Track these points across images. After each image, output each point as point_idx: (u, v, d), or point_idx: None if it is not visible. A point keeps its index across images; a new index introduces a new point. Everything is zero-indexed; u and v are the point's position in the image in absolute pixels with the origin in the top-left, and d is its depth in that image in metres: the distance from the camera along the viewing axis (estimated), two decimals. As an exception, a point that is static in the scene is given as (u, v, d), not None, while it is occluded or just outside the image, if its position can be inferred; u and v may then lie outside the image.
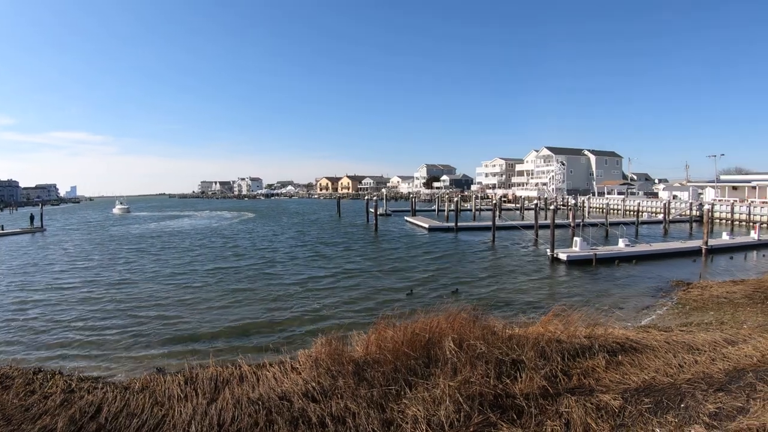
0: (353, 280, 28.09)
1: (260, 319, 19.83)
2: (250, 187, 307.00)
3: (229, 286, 26.52)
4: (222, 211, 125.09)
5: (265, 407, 9.14)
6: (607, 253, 34.21)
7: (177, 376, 11.49)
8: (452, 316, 12.44)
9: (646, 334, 13.63)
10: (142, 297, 23.96)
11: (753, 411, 7.81)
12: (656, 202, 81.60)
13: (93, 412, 9.51)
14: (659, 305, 21.23)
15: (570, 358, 11.07)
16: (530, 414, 8.39)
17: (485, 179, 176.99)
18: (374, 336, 11.86)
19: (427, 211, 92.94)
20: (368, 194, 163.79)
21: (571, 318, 13.68)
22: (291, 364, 11.80)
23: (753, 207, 62.46)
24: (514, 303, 22.33)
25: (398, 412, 8.68)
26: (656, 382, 9.72)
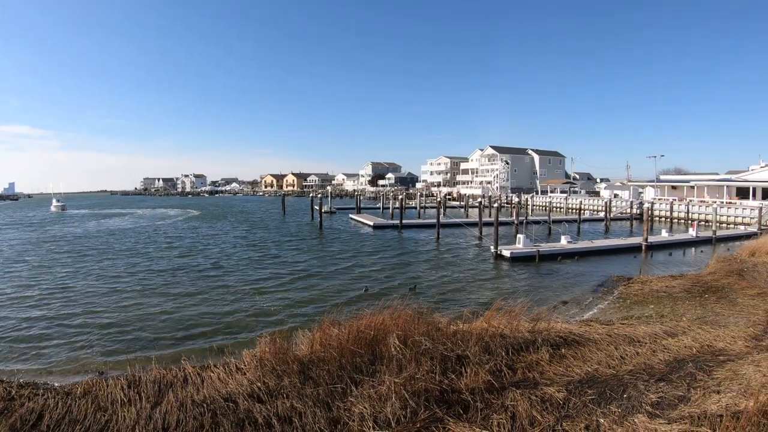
0: (298, 278, 27.75)
1: (204, 320, 19.40)
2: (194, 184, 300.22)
3: (172, 287, 25.79)
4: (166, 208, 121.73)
5: (210, 409, 8.94)
6: (549, 249, 34.89)
7: (119, 380, 11.08)
8: (397, 314, 12.41)
9: (589, 328, 13.89)
10: (81, 300, 23.00)
11: (694, 399, 7.99)
12: (598, 201, 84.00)
13: (34, 420, 9.12)
14: (601, 300, 21.79)
15: (514, 353, 11.17)
16: (476, 408, 8.37)
17: (430, 177, 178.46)
18: (319, 334, 11.74)
19: (372, 208, 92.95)
20: (313, 192, 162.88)
21: (514, 313, 13.83)
22: (236, 364, 11.55)
23: (691, 206, 65.40)
24: (459, 299, 22.51)
25: (345, 410, 8.58)
26: (599, 374, 9.88)
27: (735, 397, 7.76)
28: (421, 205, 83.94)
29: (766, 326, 14.64)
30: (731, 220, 59.24)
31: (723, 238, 45.53)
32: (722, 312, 17.42)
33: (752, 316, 16.45)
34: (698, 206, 64.78)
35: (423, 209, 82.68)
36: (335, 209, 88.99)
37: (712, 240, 43.49)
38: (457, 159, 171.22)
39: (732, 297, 19.68)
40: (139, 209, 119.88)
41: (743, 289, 20.76)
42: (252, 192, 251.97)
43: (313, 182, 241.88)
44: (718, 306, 18.41)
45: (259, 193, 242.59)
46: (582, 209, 66.64)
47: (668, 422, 7.00)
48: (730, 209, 61.11)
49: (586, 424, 7.41)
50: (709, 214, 58.05)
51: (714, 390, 8.42)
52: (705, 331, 13.52)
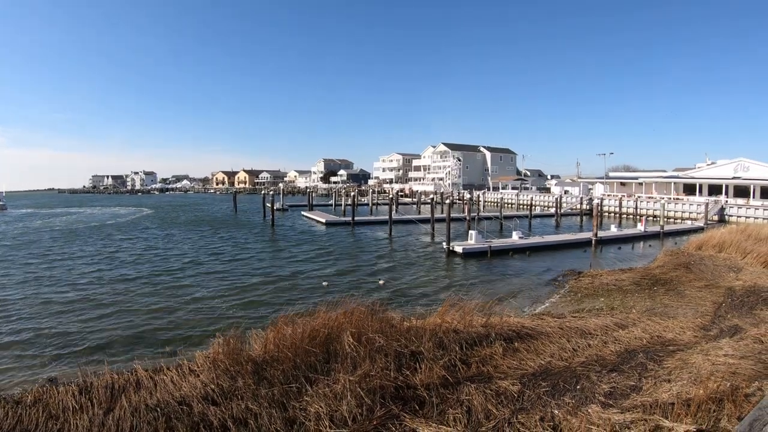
0: (251, 278, 27.31)
1: (156, 323, 18.88)
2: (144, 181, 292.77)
3: (123, 290, 24.87)
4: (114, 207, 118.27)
5: (164, 413, 8.76)
6: (501, 245, 35.34)
7: (71, 387, 10.73)
8: (351, 311, 12.41)
9: (541, 321, 14.10)
10: (26, 304, 22.09)
11: (645, 389, 8.17)
12: (549, 197, 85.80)
13: None
14: (553, 294, 22.16)
15: (468, 347, 11.25)
16: (432, 404, 8.41)
17: (383, 174, 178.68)
18: (273, 334, 11.65)
19: (324, 205, 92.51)
20: (265, 189, 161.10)
21: (467, 308, 13.93)
22: (189, 366, 11.34)
23: (639, 201, 67.37)
24: (412, 295, 22.54)
25: (300, 409, 8.53)
26: (552, 366, 10.03)
27: (685, 386, 7.95)
28: (373, 202, 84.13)
29: (713, 317, 15.14)
30: (678, 215, 61.30)
31: (671, 232, 47.04)
32: (671, 304, 17.94)
33: (700, 307, 17.01)
34: (646, 202, 66.79)
35: (375, 206, 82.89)
36: (287, 207, 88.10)
37: (660, 234, 44.81)
38: (409, 156, 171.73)
39: (680, 289, 20.27)
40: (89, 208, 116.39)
41: (691, 282, 21.43)
42: (203, 189, 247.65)
43: (265, 179, 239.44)
44: (666, 298, 18.95)
45: (210, 190, 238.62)
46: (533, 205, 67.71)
47: (621, 411, 7.12)
48: (677, 205, 63.22)
49: (540, 416, 7.47)
50: (657, 209, 60.00)
51: (665, 379, 8.61)
52: (654, 322, 13.89)
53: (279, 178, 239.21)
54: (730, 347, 10.06)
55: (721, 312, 15.79)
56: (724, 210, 58.27)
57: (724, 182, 64.02)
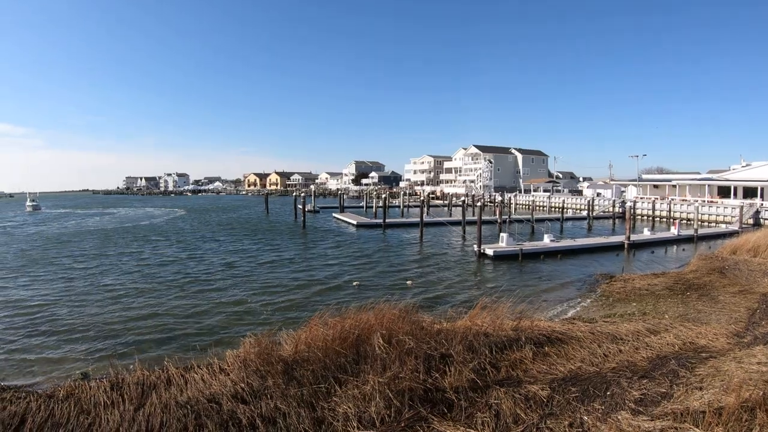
0: (282, 278, 27.60)
1: (188, 321, 19.21)
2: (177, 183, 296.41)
3: (156, 288, 25.45)
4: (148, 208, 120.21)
5: (193, 411, 8.88)
6: (532, 248, 35.03)
7: (102, 382, 10.96)
8: (381, 313, 12.41)
9: (572, 326, 13.95)
10: (64, 301, 22.69)
11: (676, 396, 8.04)
12: (581, 200, 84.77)
13: (17, 424, 9.04)
14: (584, 298, 21.92)
15: (498, 351, 11.19)
16: (460, 407, 8.41)
17: (414, 176, 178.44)
18: (303, 334, 11.73)
19: (355, 207, 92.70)
20: (297, 191, 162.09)
21: (498, 312, 13.87)
22: (219, 365, 11.48)
23: (673, 204, 65.91)
24: (442, 298, 22.52)
25: (329, 410, 8.58)
26: (582, 371, 9.94)
27: (717, 394, 7.80)
28: (404, 204, 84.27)
29: (747, 323, 14.84)
30: (712, 218, 59.90)
31: (704, 236, 45.97)
32: (704, 309, 17.62)
33: (734, 313, 16.68)
34: (680, 205, 65.43)
35: (406, 208, 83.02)
36: (319, 208, 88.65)
37: (694, 238, 43.82)
38: (440, 158, 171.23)
39: (713, 294, 19.91)
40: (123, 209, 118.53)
41: (725, 287, 21.01)
42: (235, 191, 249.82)
43: (296, 181, 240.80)
44: (700, 303, 18.62)
45: (242, 192, 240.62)
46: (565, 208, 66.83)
47: (651, 419, 7.04)
48: (711, 208, 61.78)
49: (569, 422, 7.43)
50: (690, 212, 58.82)
51: (696, 386, 8.47)
52: (687, 328, 13.66)
53: (310, 179, 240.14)
54: (764, 355, 9.84)
55: (756, 318, 15.46)
56: (759, 213, 56.58)
57: (759, 184, 62.52)
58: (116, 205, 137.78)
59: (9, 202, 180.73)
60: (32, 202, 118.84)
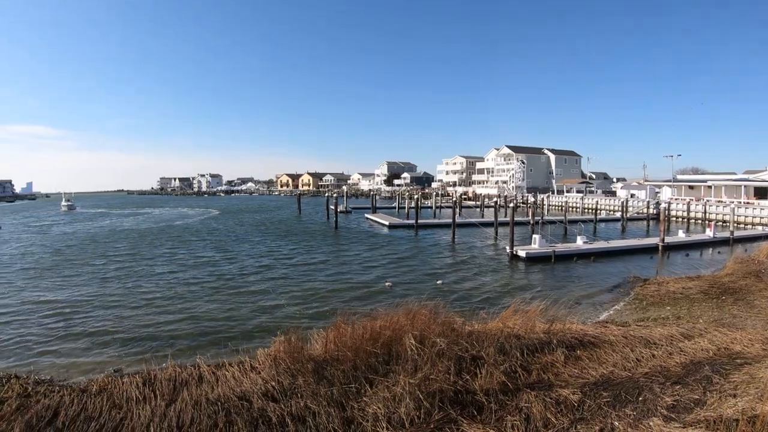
0: (313, 278, 27.82)
1: (220, 320, 19.48)
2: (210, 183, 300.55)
3: (188, 287, 25.93)
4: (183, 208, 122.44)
5: (224, 408, 8.98)
6: (565, 250, 34.70)
7: (135, 378, 11.15)
8: (413, 313, 12.37)
9: (604, 329, 13.79)
10: (99, 300, 23.16)
11: (710, 403, 7.93)
12: (614, 201, 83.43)
13: (50, 417, 9.21)
14: (617, 301, 21.63)
15: (529, 354, 11.12)
16: (490, 409, 8.38)
17: (446, 177, 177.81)
18: (334, 334, 11.71)
19: (387, 208, 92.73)
20: (329, 191, 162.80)
21: (530, 314, 13.76)
22: (250, 363, 11.58)
23: (708, 206, 64.35)
24: (474, 299, 22.45)
25: (359, 410, 8.60)
26: (614, 376, 9.83)
27: (751, 401, 7.68)
28: (436, 205, 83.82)
29: (784, 329, 14.50)
30: (749, 220, 58.48)
31: (741, 238, 44.89)
32: (739, 314, 17.26)
33: (770, 318, 16.30)
34: (715, 206, 63.86)
35: (438, 209, 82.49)
36: (351, 209, 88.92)
37: (730, 241, 42.85)
38: (472, 158, 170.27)
39: (750, 299, 19.48)
40: (157, 209, 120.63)
41: (761, 291, 20.54)
42: (268, 191, 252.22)
43: (328, 182, 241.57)
44: (735, 308, 18.24)
45: (274, 192, 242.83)
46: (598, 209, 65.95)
47: (683, 426, 6.97)
48: (747, 209, 60.27)
49: (600, 427, 7.38)
50: (726, 214, 57.41)
51: (730, 394, 8.34)
52: (722, 333, 13.39)
53: (343, 180, 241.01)
54: (801, 362, 9.66)
55: (794, 324, 15.13)
56: (798, 215, 55.16)
57: (798, 185, 60.78)
58: (151, 205, 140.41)
59: (46, 202, 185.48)
60: (67, 202, 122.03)
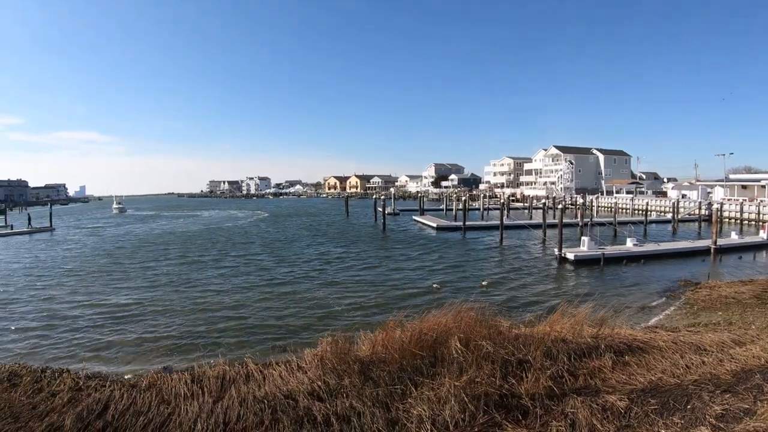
0: (361, 279, 28.09)
1: (269, 321, 19.79)
2: (259, 186, 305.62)
3: (238, 287, 26.48)
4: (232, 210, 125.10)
5: (270, 406, 9.08)
6: (615, 252, 34.03)
7: (184, 375, 11.43)
8: (459, 316, 12.32)
9: (654, 335, 13.51)
10: (148, 298, 23.95)
11: (760, 413, 7.70)
12: (665, 202, 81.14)
13: (100, 410, 9.46)
14: (667, 305, 21.12)
15: (576, 358, 10.96)
16: (535, 414, 8.29)
17: (493, 178, 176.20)
18: (381, 335, 11.75)
19: (435, 210, 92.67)
20: (376, 193, 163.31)
21: (577, 317, 13.58)
22: (297, 363, 11.73)
23: (762, 206, 61.82)
24: (522, 302, 22.27)
25: (403, 411, 8.59)
26: (663, 382, 9.63)
27: (804, 412, 7.46)
28: (484, 207, 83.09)
29: (841, 336, 13.95)
30: (807, 221, 55.94)
31: (798, 240, 43.09)
32: (795, 320, 16.66)
33: (827, 324, 15.69)
34: (770, 207, 61.46)
35: (486, 211, 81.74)
36: (398, 211, 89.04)
37: (786, 243, 41.26)
38: (520, 159, 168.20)
39: (805, 304, 18.79)
40: (207, 211, 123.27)
41: (818, 297, 19.79)
42: (315, 194, 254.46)
43: (376, 184, 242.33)
44: (790, 314, 17.62)
45: (322, 195, 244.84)
46: (648, 210, 64.25)
47: (732, 436, 6.83)
48: (804, 210, 57.75)
49: (647, 435, 7.29)
50: (782, 215, 55.31)
51: (782, 403, 8.11)
52: (775, 340, 12.99)
53: (390, 182, 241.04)
54: None
55: None
56: None
57: None
58: (200, 208, 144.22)
59: (98, 205, 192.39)
60: (118, 205, 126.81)
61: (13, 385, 11.36)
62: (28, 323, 20.09)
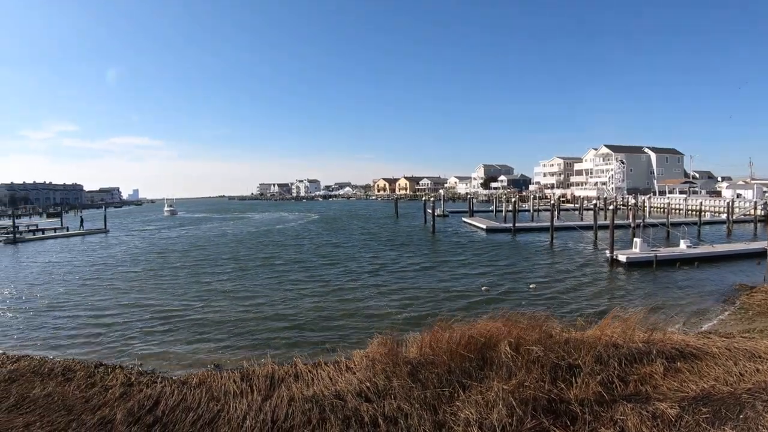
0: (411, 281, 28.15)
1: (318, 321, 19.98)
2: (308, 189, 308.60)
3: (288, 288, 26.85)
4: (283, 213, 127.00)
5: (318, 405, 9.26)
6: (668, 254, 33.12)
7: (233, 373, 11.80)
8: (509, 320, 12.32)
9: (707, 340, 13.18)
10: (202, 300, 24.44)
11: (815, 424, 7.53)
12: (719, 202, 78.21)
13: (151, 405, 9.89)
14: (721, 310, 20.43)
15: (627, 364, 10.80)
16: (584, 420, 8.22)
17: (543, 179, 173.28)
18: (429, 337, 11.81)
19: (484, 211, 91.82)
20: (426, 195, 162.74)
21: (629, 322, 13.37)
22: (346, 363, 11.93)
23: (823, 206, 58.82)
24: (572, 306, 21.95)
25: (450, 414, 8.62)
26: (715, 391, 9.42)
27: None
28: (534, 208, 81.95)
29: None
30: None
31: None
32: None
33: None
34: (832, 206, 58.51)
35: (536, 212, 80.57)
36: (448, 212, 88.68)
37: None
38: (570, 159, 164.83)
39: None
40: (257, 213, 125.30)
41: None
42: (365, 196, 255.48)
43: (425, 186, 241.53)
44: None
45: (372, 197, 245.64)
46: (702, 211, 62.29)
47: (786, 448, 6.69)
48: None
49: (697, 445, 7.18)
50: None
51: (839, 415, 7.87)
52: (835, 348, 12.52)
53: (439, 184, 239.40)
54: None
55: None
56: None
57: None
58: (251, 210, 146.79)
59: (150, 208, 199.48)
60: (169, 208, 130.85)
61: (67, 379, 11.94)
62: (82, 321, 20.93)
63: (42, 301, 24.87)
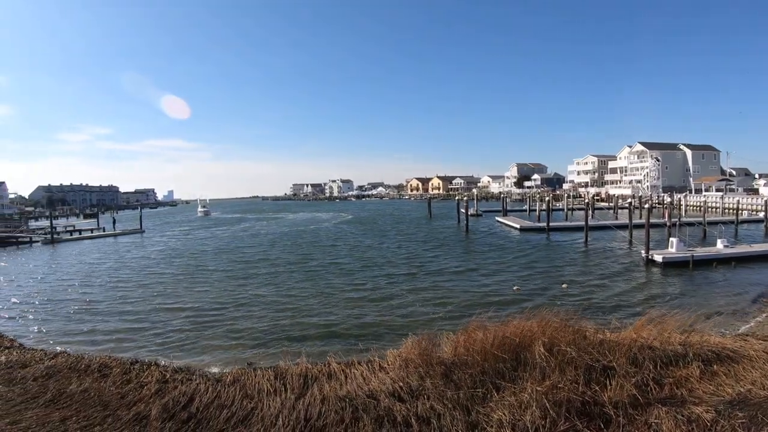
0: (445, 281, 28.14)
1: (352, 321, 20.08)
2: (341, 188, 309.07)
3: (322, 287, 27.11)
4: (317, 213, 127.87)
5: (351, 404, 9.30)
6: (704, 254, 32.39)
7: (267, 372, 11.92)
8: (543, 321, 12.24)
9: (744, 343, 12.90)
10: (234, 298, 24.82)
11: None
12: (757, 199, 75.91)
13: (185, 402, 10.07)
14: (759, 312, 19.93)
15: (662, 366, 10.64)
16: (618, 423, 8.11)
17: (577, 177, 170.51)
18: (463, 338, 11.78)
19: (518, 211, 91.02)
20: (459, 195, 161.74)
21: (665, 323, 13.19)
22: (379, 363, 11.93)
23: None
24: (607, 306, 21.69)
25: (483, 415, 8.58)
26: (752, 395, 9.24)
27: None
28: (568, 207, 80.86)
29: None
30: None
31: None
32: None
33: None
34: None
35: (570, 211, 79.49)
36: (481, 212, 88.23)
37: None
38: (604, 157, 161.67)
39: None
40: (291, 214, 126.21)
41: None
42: (398, 196, 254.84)
43: (458, 185, 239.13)
44: None
45: (405, 196, 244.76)
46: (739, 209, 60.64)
47: (824, 455, 6.57)
48: None
49: (733, 450, 7.08)
50: None
51: None
52: None
53: (472, 183, 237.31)
54: None
55: None
56: None
57: None
58: (284, 210, 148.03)
59: (185, 208, 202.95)
60: (203, 208, 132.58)
61: (103, 375, 12.28)
62: (118, 319, 21.55)
63: (79, 299, 25.72)
